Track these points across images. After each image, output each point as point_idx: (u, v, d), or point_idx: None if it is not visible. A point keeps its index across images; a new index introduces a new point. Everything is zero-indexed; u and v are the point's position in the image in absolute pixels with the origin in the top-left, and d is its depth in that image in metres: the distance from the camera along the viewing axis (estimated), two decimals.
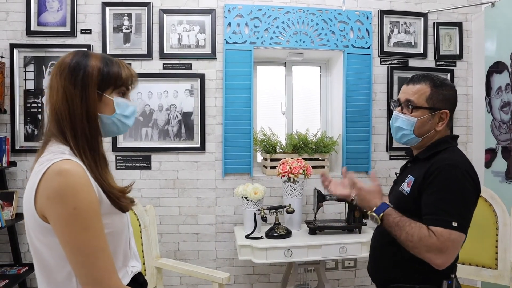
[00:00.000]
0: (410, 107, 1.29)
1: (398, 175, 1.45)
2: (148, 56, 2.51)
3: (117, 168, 2.49)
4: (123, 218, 0.97)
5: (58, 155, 0.86)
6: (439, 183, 1.17)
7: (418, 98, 1.28)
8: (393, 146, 2.72)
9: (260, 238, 2.17)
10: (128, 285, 0.97)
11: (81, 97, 0.90)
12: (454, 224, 1.12)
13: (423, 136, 1.30)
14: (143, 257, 2.02)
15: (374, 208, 1.26)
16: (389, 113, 2.71)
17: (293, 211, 2.26)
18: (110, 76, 0.94)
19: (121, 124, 0.99)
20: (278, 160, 2.45)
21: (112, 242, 0.90)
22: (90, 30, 2.49)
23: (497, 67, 2.48)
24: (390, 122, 1.38)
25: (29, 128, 2.45)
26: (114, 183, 0.95)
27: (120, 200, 0.93)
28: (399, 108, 1.33)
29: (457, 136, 1.35)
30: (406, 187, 1.29)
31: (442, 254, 1.12)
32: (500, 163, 2.44)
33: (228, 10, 2.53)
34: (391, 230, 1.22)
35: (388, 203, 1.28)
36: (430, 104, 1.28)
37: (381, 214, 1.23)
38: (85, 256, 0.83)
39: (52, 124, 0.93)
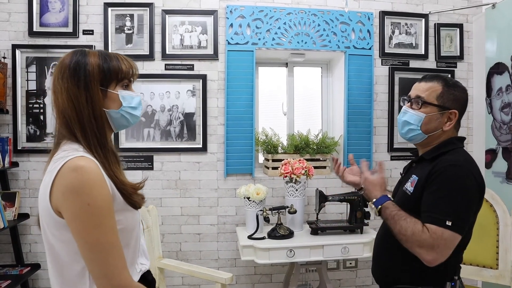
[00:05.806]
0: (420, 103, 1.30)
1: (402, 175, 1.46)
2: (150, 57, 2.51)
3: None
4: (135, 215, 0.98)
5: (72, 153, 0.88)
6: (440, 182, 1.19)
7: (429, 95, 1.30)
8: (394, 146, 2.73)
9: (263, 238, 2.18)
10: None
11: (86, 97, 0.92)
12: (448, 223, 1.13)
13: (429, 134, 1.31)
14: None
15: (374, 200, 1.32)
16: (390, 113, 2.72)
17: (295, 212, 2.27)
18: (111, 71, 0.95)
19: (130, 116, 1.01)
20: (279, 160, 2.46)
21: (123, 239, 0.91)
22: (92, 30, 2.49)
23: (497, 68, 2.49)
24: (398, 116, 1.39)
25: (31, 128, 2.45)
26: (126, 179, 0.96)
27: (132, 196, 0.94)
28: (409, 103, 1.35)
29: (464, 138, 1.36)
30: (409, 186, 1.30)
31: (433, 251, 1.14)
32: (500, 164, 2.45)
33: (230, 11, 2.54)
34: (387, 223, 1.27)
35: (389, 196, 1.33)
36: (440, 102, 1.29)
37: (379, 207, 1.29)
38: (96, 252, 0.84)
39: (61, 127, 0.94)
